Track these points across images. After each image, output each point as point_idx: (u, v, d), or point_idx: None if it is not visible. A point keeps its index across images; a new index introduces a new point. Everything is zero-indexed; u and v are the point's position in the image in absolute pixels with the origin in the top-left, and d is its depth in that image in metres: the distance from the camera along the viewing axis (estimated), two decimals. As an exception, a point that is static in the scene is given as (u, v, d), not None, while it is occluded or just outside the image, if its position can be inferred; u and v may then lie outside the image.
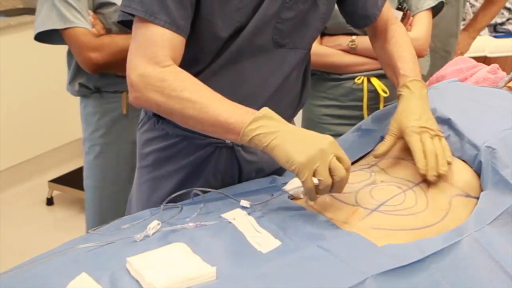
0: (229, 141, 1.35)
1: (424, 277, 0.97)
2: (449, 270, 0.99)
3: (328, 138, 1.11)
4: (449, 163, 1.21)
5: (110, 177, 2.01)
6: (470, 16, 3.30)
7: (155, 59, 1.18)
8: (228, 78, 1.30)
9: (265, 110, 1.14)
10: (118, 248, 1.06)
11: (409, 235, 1.09)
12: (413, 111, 1.28)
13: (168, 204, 1.20)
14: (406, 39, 1.47)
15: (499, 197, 1.14)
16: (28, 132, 3.65)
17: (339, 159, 1.10)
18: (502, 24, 3.41)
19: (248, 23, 1.27)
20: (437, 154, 1.21)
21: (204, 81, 1.20)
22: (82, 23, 1.81)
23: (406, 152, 1.29)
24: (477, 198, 1.18)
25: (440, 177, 1.20)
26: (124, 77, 1.38)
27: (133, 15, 1.23)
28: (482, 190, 1.20)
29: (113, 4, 1.84)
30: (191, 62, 1.27)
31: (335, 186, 1.10)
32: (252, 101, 1.22)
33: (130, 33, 1.30)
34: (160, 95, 1.17)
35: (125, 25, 1.30)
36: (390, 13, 1.50)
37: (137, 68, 1.19)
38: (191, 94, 1.15)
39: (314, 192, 1.10)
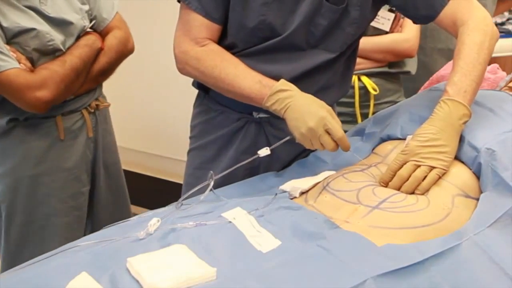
0: (256, 116, 1.52)
1: (423, 279, 0.97)
2: (449, 272, 0.99)
3: (319, 113, 1.28)
4: (418, 193, 1.20)
5: (40, 212, 1.77)
6: None
7: (195, 40, 1.42)
8: (260, 63, 1.42)
9: (280, 85, 1.34)
10: (118, 248, 1.06)
11: (408, 234, 1.10)
12: (426, 131, 1.24)
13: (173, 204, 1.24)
14: (468, 40, 1.33)
15: (499, 199, 1.14)
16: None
17: (329, 132, 1.27)
18: (502, 24, 3.40)
19: (275, 18, 1.38)
20: (408, 181, 1.21)
21: (240, 58, 1.42)
22: (10, 63, 1.58)
23: None
24: (477, 199, 1.19)
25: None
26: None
27: None
28: (481, 192, 1.20)
29: (32, 29, 1.63)
30: (227, 47, 1.45)
31: (334, 150, 1.29)
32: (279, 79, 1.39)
33: (59, 56, 1.65)
34: (196, 71, 1.43)
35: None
36: (460, 11, 1.38)
37: (180, 45, 1.44)
38: (220, 72, 1.39)
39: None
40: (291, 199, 1.28)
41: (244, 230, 1.11)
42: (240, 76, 1.38)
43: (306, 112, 1.29)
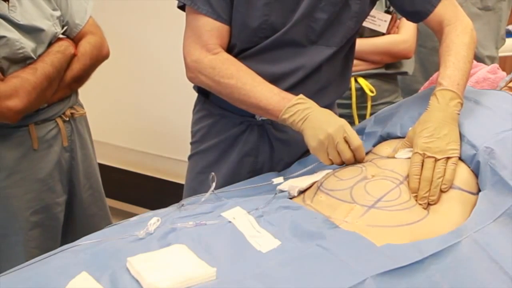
0: (259, 119, 1.51)
1: (423, 278, 0.97)
2: (449, 271, 0.99)
3: (338, 122, 1.29)
4: (442, 190, 1.19)
5: (12, 225, 1.70)
6: None
7: (206, 47, 1.39)
8: (261, 63, 1.43)
9: (298, 99, 1.33)
10: (118, 248, 1.06)
11: (405, 231, 1.10)
12: (427, 126, 1.25)
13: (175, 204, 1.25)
14: (458, 40, 1.39)
15: (498, 198, 1.14)
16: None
17: (347, 140, 1.27)
18: (502, 23, 3.40)
19: (277, 17, 1.38)
20: (433, 181, 1.19)
21: (240, 61, 1.41)
22: None
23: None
24: (472, 193, 1.19)
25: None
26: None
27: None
28: (479, 189, 1.20)
29: (1, 37, 1.57)
30: (228, 48, 1.44)
31: (350, 161, 1.29)
32: (281, 82, 1.41)
33: (30, 64, 1.58)
34: (210, 80, 1.39)
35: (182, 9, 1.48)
36: (448, 14, 1.44)
37: (192, 54, 1.41)
38: (237, 82, 1.37)
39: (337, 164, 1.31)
40: (290, 198, 1.29)
41: (244, 230, 1.11)
42: (258, 87, 1.36)
43: (325, 121, 1.29)
